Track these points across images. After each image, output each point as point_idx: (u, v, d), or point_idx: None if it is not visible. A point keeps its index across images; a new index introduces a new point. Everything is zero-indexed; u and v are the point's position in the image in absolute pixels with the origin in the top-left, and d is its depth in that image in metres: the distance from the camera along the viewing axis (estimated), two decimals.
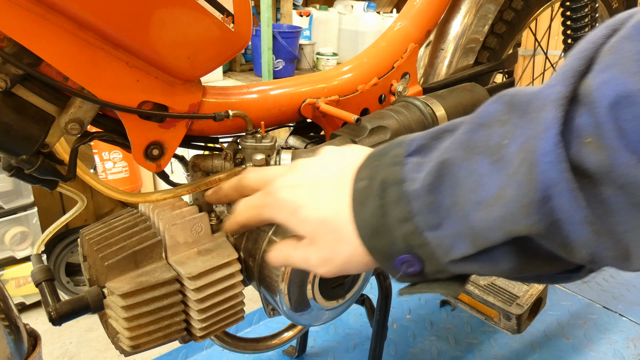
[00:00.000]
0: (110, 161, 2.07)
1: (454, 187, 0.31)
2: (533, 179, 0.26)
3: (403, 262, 0.34)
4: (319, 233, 0.39)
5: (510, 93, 0.31)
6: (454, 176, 0.31)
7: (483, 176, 0.30)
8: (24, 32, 0.42)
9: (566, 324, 1.26)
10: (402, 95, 0.78)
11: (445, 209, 0.31)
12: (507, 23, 0.93)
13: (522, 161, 0.27)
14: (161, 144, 0.56)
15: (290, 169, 0.44)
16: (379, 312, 0.87)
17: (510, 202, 0.28)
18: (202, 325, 0.60)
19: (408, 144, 0.35)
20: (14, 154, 0.47)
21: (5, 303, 0.50)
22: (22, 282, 1.89)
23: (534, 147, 0.27)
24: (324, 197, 0.39)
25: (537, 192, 0.26)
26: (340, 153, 0.42)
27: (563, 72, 0.27)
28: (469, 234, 0.30)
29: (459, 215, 0.31)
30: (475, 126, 0.31)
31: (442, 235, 0.32)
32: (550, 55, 1.34)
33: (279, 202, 0.41)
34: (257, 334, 1.19)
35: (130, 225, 0.61)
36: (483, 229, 0.29)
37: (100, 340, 1.85)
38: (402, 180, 0.33)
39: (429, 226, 0.32)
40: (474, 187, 0.30)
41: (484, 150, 0.30)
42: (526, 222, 0.27)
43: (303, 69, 2.71)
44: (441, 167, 0.31)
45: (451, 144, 0.32)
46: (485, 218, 0.29)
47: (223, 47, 0.54)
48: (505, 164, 0.29)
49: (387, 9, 3.28)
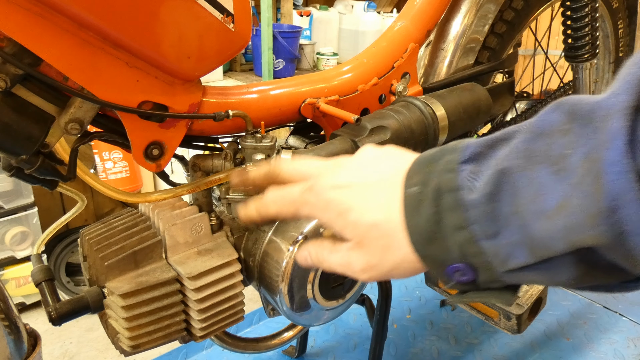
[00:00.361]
0: (110, 161, 2.07)
1: (513, 197, 0.30)
2: (600, 188, 0.26)
3: (456, 271, 0.34)
4: (368, 238, 0.38)
5: (570, 102, 0.30)
6: (513, 185, 0.31)
7: (544, 186, 0.29)
8: (24, 32, 0.42)
9: (566, 323, 1.26)
10: (402, 95, 0.78)
11: (503, 219, 0.31)
12: (507, 23, 0.93)
13: (588, 171, 0.27)
14: (161, 143, 0.56)
15: (332, 167, 0.42)
16: (379, 312, 0.87)
17: (576, 212, 0.27)
18: (202, 325, 0.60)
19: (462, 150, 0.34)
20: (14, 153, 0.47)
21: (5, 303, 0.50)
22: (22, 282, 1.89)
23: (601, 157, 0.26)
24: (374, 201, 0.38)
25: (604, 202, 0.26)
26: (383, 155, 0.41)
27: (627, 80, 0.27)
28: (528, 243, 0.30)
29: (517, 225, 0.30)
30: (535, 135, 0.31)
31: (499, 244, 0.31)
32: (550, 55, 1.34)
33: (324, 202, 0.40)
34: (257, 334, 1.19)
35: (130, 225, 0.61)
36: (545, 238, 0.29)
37: (100, 340, 1.85)
38: (459, 187, 0.33)
39: (486, 235, 0.32)
40: (534, 196, 0.29)
41: (545, 159, 0.30)
42: (592, 232, 0.27)
43: (303, 68, 2.71)
44: (500, 176, 0.31)
45: (509, 152, 0.32)
46: (547, 228, 0.29)
47: (223, 47, 0.54)
48: (568, 173, 0.28)
49: (388, 9, 3.28)
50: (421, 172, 0.36)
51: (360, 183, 0.39)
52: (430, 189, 0.34)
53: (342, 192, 0.39)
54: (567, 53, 1.00)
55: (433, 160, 0.36)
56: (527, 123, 0.32)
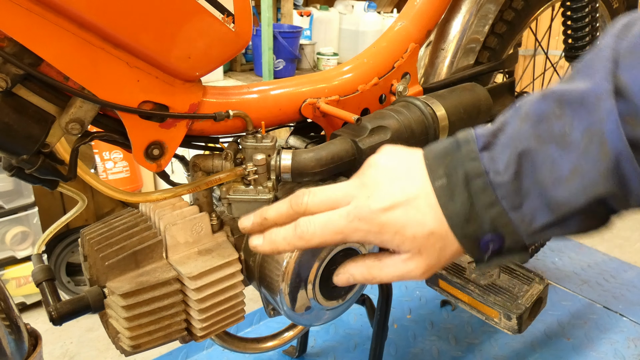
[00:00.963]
0: (110, 161, 2.07)
1: (533, 172, 0.38)
2: (606, 152, 0.35)
3: (489, 242, 0.40)
4: (426, 245, 0.42)
5: (557, 92, 0.38)
6: (532, 163, 0.38)
7: (556, 159, 0.37)
8: (25, 32, 0.42)
9: (567, 324, 1.26)
10: (402, 95, 0.78)
11: (525, 191, 0.38)
12: (507, 23, 0.93)
13: (591, 141, 0.36)
14: (161, 143, 0.56)
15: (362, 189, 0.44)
16: (380, 312, 0.87)
17: (589, 173, 0.36)
18: (202, 325, 0.60)
19: (475, 141, 0.41)
20: (14, 153, 0.47)
21: (6, 303, 0.50)
22: (23, 282, 1.89)
23: (602, 129, 0.35)
24: (422, 212, 0.42)
25: (611, 161, 0.35)
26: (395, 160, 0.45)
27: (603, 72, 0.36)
28: (549, 205, 0.38)
29: (538, 193, 0.38)
30: (535, 121, 0.38)
31: (524, 212, 0.39)
32: (550, 55, 1.34)
33: (378, 226, 0.43)
34: (257, 334, 1.19)
35: (131, 225, 0.61)
36: (566, 198, 0.37)
37: (100, 340, 1.85)
38: (485, 172, 0.39)
39: (513, 207, 0.39)
40: (551, 168, 0.37)
41: (551, 139, 0.37)
42: (605, 185, 0.36)
43: (303, 68, 2.71)
44: (521, 157, 0.38)
45: (519, 137, 0.39)
46: (567, 189, 0.37)
47: (223, 47, 0.54)
48: (573, 146, 0.37)
49: (388, 9, 3.28)
50: (442, 165, 0.41)
51: (403, 199, 0.42)
52: (458, 177, 0.40)
53: (392, 212, 0.42)
54: (567, 53, 1.00)
55: (449, 153, 0.42)
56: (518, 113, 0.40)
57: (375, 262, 0.46)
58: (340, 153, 0.62)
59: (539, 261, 1.57)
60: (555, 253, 1.63)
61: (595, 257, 1.63)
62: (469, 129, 0.43)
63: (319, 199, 0.46)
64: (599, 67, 0.37)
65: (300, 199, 0.47)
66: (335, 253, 0.62)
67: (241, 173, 0.59)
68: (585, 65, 0.38)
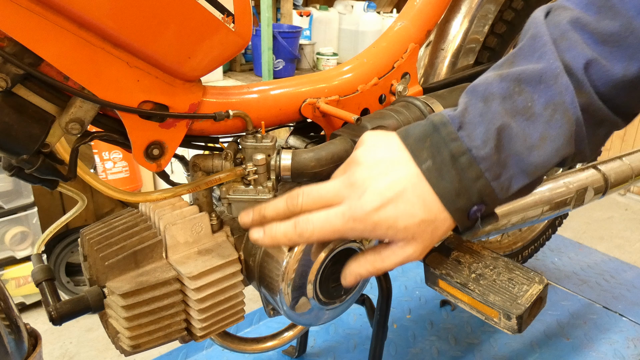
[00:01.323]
0: (110, 161, 2.07)
1: (509, 143, 0.43)
2: (569, 119, 0.42)
3: (476, 211, 0.45)
4: (419, 231, 0.46)
5: (513, 73, 0.44)
6: (508, 135, 0.43)
7: (525, 129, 0.43)
8: (25, 31, 0.42)
9: (566, 324, 1.26)
10: (402, 95, 0.78)
11: (503, 161, 0.43)
12: (507, 23, 0.93)
13: (554, 111, 0.42)
14: (161, 143, 0.56)
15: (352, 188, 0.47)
16: (379, 312, 0.87)
17: (558, 137, 0.42)
18: (202, 325, 0.60)
19: (449, 123, 0.44)
20: (14, 153, 0.47)
21: (6, 303, 0.50)
22: (23, 282, 1.89)
23: (563, 100, 0.42)
24: (411, 203, 0.45)
25: (573, 126, 0.43)
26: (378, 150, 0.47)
27: (551, 54, 0.43)
28: (526, 170, 0.43)
29: (514, 162, 0.43)
30: (501, 99, 0.44)
31: (503, 180, 0.44)
32: None
33: (372, 224, 0.46)
34: (257, 333, 1.19)
35: (131, 225, 0.61)
36: (540, 162, 0.43)
37: (100, 340, 1.85)
38: (469, 149, 0.43)
39: (494, 177, 0.43)
40: (523, 138, 0.43)
41: (517, 113, 0.43)
42: (570, 146, 0.43)
43: (303, 68, 2.71)
44: (499, 132, 0.43)
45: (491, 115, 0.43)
46: (541, 154, 0.43)
47: (223, 47, 0.54)
48: (537, 117, 0.43)
49: (387, 9, 3.28)
50: (424, 148, 0.45)
51: (392, 195, 0.45)
52: (444, 156, 0.44)
53: (384, 210, 0.45)
54: None
55: (428, 135, 0.45)
56: (476, 95, 0.45)
57: (375, 255, 0.50)
58: (340, 153, 0.62)
59: (539, 261, 1.57)
60: (555, 253, 1.63)
61: (594, 257, 1.63)
62: (440, 112, 0.47)
63: (312, 198, 0.49)
64: (545, 50, 0.43)
65: (295, 200, 0.50)
66: (335, 253, 0.62)
67: (241, 173, 0.59)
68: (528, 50, 0.45)
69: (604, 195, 1.07)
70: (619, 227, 2.85)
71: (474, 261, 0.68)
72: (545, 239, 1.42)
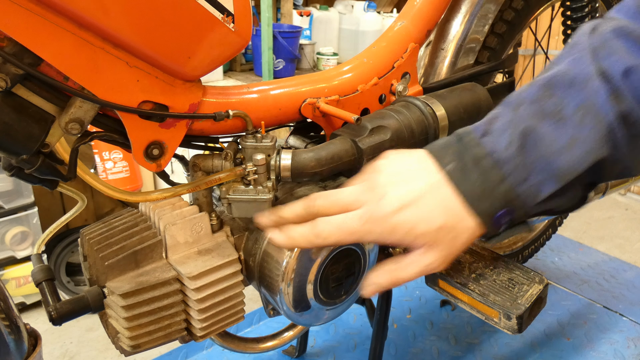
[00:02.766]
0: (110, 161, 2.07)
1: (535, 146, 0.42)
2: (602, 121, 0.41)
3: (502, 216, 0.44)
4: (438, 238, 0.45)
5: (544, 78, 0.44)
6: (534, 138, 0.42)
7: (553, 132, 0.42)
8: (24, 31, 0.42)
9: (566, 323, 1.26)
10: (402, 95, 0.78)
11: (529, 165, 0.42)
12: (507, 23, 0.93)
13: (585, 114, 0.41)
14: (161, 143, 0.56)
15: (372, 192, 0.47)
16: (380, 312, 0.87)
17: (587, 139, 0.41)
18: (202, 325, 0.60)
19: (473, 132, 0.45)
20: (14, 153, 0.47)
21: (6, 303, 0.50)
22: (23, 282, 1.89)
23: (595, 103, 0.41)
24: (430, 208, 0.44)
25: (605, 129, 0.41)
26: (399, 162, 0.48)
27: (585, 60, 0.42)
28: (554, 175, 0.42)
29: (542, 166, 0.42)
30: (528, 104, 0.43)
31: (530, 185, 0.42)
32: (550, 55, 1.34)
33: (390, 227, 0.45)
34: (257, 333, 1.19)
35: (131, 225, 0.61)
36: (570, 165, 0.41)
37: (100, 340, 1.85)
38: (491, 152, 0.43)
39: (520, 181, 0.42)
40: (550, 141, 0.42)
41: (545, 116, 0.42)
42: (602, 149, 0.41)
43: (303, 68, 2.71)
44: (524, 134, 0.42)
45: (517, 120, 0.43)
46: (569, 158, 0.41)
47: (223, 47, 0.54)
48: (567, 120, 0.42)
49: (388, 9, 3.28)
50: (448, 154, 0.45)
51: (411, 199, 0.45)
52: (467, 159, 0.44)
53: (403, 213, 0.45)
54: None
55: (452, 144, 0.45)
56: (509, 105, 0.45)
57: (395, 265, 0.49)
58: (340, 153, 0.62)
59: (539, 261, 1.57)
60: (555, 253, 1.63)
61: (595, 257, 1.63)
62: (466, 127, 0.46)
63: (330, 201, 0.49)
64: (580, 56, 0.43)
65: (313, 202, 0.50)
66: (335, 253, 0.62)
67: (241, 173, 0.59)
68: (563, 57, 0.45)
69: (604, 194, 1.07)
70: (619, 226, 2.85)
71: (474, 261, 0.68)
72: (545, 238, 1.42)
